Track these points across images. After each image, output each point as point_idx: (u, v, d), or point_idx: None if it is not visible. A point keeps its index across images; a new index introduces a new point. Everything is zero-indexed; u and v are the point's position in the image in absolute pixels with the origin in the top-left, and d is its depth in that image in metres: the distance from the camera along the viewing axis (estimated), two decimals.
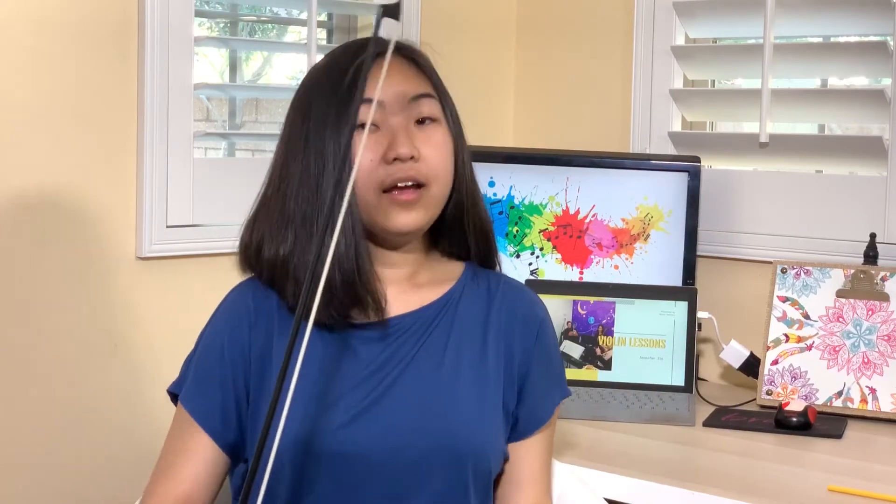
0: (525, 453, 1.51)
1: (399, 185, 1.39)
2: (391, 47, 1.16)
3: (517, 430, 1.50)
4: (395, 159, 1.38)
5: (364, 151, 1.38)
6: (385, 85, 1.40)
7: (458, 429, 1.41)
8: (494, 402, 1.45)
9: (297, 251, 1.39)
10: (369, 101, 1.37)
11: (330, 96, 1.40)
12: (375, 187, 1.38)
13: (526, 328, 1.51)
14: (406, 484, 1.39)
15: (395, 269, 1.46)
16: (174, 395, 1.48)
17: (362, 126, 1.38)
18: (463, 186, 1.47)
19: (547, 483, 1.53)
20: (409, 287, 1.47)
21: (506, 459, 1.50)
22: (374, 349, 1.42)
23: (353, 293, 1.39)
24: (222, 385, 1.42)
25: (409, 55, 1.45)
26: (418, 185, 1.39)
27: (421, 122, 1.42)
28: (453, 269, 1.52)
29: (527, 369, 1.50)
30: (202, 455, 1.42)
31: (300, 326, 1.03)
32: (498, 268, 1.56)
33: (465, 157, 1.47)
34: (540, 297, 2.28)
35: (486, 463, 1.44)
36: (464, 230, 1.48)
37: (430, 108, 1.43)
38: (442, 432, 1.40)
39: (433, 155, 1.41)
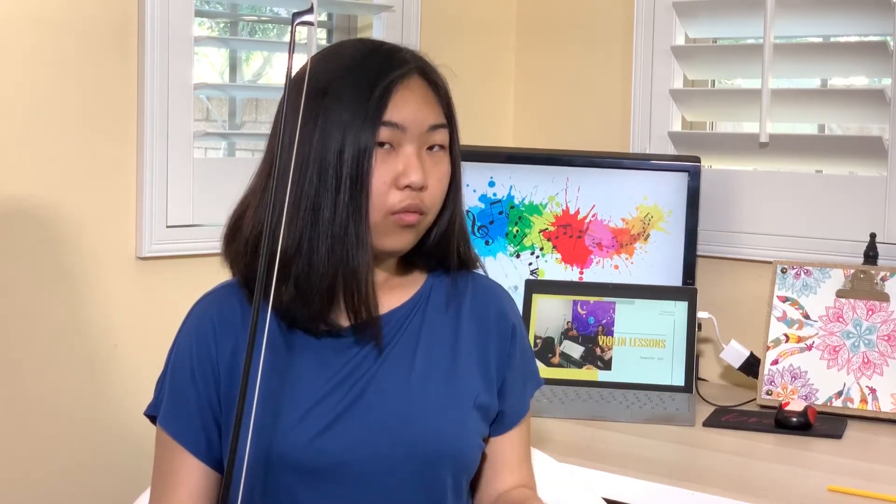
0: (507, 442, 1.53)
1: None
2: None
3: (500, 424, 1.52)
4: (406, 186, 1.38)
5: (378, 174, 1.38)
6: (408, 109, 1.40)
7: (433, 432, 1.41)
8: (469, 403, 1.45)
9: (301, 250, 1.37)
10: (392, 124, 1.38)
11: (353, 105, 1.37)
12: (385, 210, 1.38)
13: (500, 330, 1.51)
14: (383, 490, 1.39)
15: (374, 277, 1.46)
16: (152, 418, 1.48)
17: (379, 144, 1.38)
18: (455, 212, 1.48)
19: (530, 466, 1.56)
20: (380, 291, 1.47)
21: (484, 454, 1.51)
22: (343, 356, 1.42)
23: (354, 304, 1.39)
24: (198, 403, 1.42)
25: (433, 79, 1.45)
26: (419, 212, 1.40)
27: (430, 148, 1.42)
28: (418, 272, 1.52)
29: (506, 370, 1.51)
30: (193, 476, 1.42)
31: (257, 332, 1.02)
32: (478, 266, 1.56)
33: (460, 183, 1.49)
34: (540, 297, 2.29)
35: (464, 464, 1.45)
36: (447, 252, 1.49)
37: (443, 137, 1.44)
38: (417, 437, 1.40)
39: (436, 186, 1.42)
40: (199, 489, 1.42)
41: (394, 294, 1.48)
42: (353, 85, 1.39)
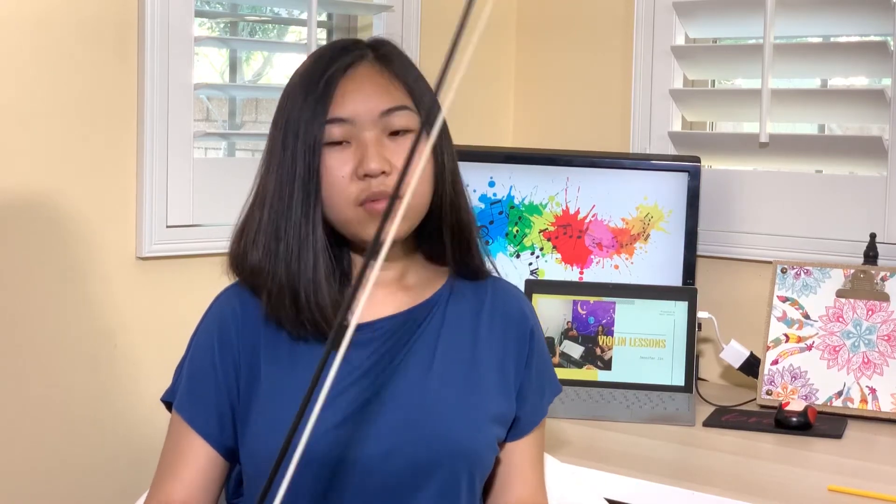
0: (519, 450, 1.52)
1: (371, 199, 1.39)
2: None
3: (516, 430, 1.51)
4: (365, 175, 1.37)
5: (335, 168, 1.38)
6: (356, 100, 1.39)
7: (449, 434, 1.41)
8: (485, 406, 1.45)
9: (267, 260, 1.40)
10: (339, 120, 1.38)
11: (301, 107, 1.39)
12: (350, 202, 1.38)
13: (520, 335, 1.51)
14: (398, 489, 1.38)
15: (383, 271, 1.46)
16: (168, 404, 1.48)
17: (334, 143, 1.38)
18: (444, 194, 1.45)
19: (540, 476, 1.55)
20: (397, 289, 1.47)
21: (498, 458, 1.50)
22: (362, 353, 1.42)
23: (308, 309, 1.39)
24: (216, 389, 1.42)
25: (385, 63, 1.43)
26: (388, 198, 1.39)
27: (395, 133, 1.40)
28: (440, 272, 1.52)
29: (524, 375, 1.50)
30: (200, 461, 1.42)
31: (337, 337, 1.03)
32: (490, 267, 1.55)
33: (448, 164, 1.45)
34: (540, 297, 2.29)
35: (478, 466, 1.45)
36: (441, 238, 1.47)
37: (404, 120, 1.40)
38: (432, 438, 1.40)
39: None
40: (206, 473, 1.42)
41: (411, 293, 1.47)
42: (303, 85, 1.41)
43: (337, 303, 1.40)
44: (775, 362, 2.19)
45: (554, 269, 2.41)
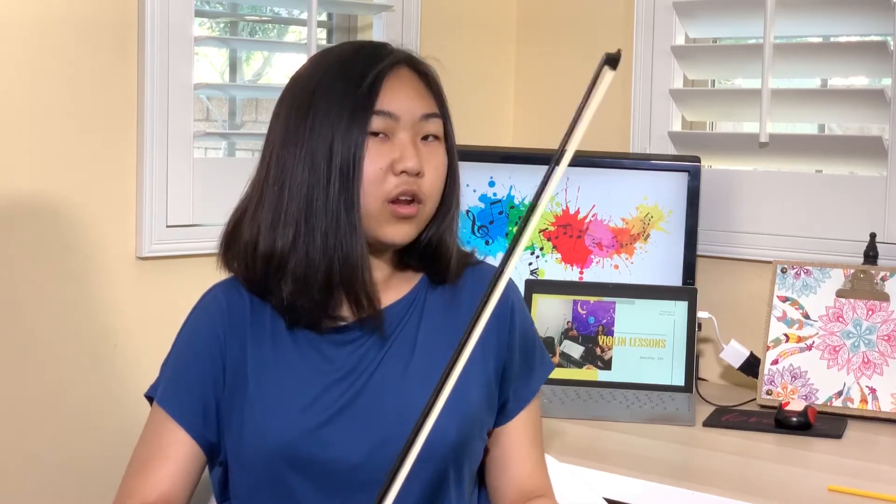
0: (513, 433, 1.52)
1: (401, 197, 1.40)
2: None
3: (504, 413, 1.52)
4: (402, 172, 1.39)
5: (372, 160, 1.39)
6: (402, 98, 1.41)
7: (433, 427, 1.41)
8: (469, 395, 1.45)
9: (297, 246, 1.39)
10: (385, 113, 1.39)
11: (342, 97, 1.39)
12: (381, 197, 1.39)
13: (500, 316, 1.50)
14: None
15: (373, 272, 1.47)
16: (151, 400, 1.48)
17: (372, 134, 1.39)
18: (452, 205, 1.48)
19: (538, 455, 1.54)
20: (378, 288, 1.48)
21: (493, 444, 1.51)
22: (344, 351, 1.43)
23: (354, 293, 1.40)
24: (202, 383, 1.43)
25: (423, 71, 1.46)
26: (416, 201, 1.41)
27: (425, 138, 1.43)
28: (414, 270, 1.53)
29: (507, 356, 1.51)
30: (181, 454, 1.42)
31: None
32: (472, 260, 1.56)
33: (457, 177, 1.50)
34: (540, 297, 2.29)
35: (465, 457, 1.45)
36: (441, 249, 1.48)
37: (436, 127, 1.45)
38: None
39: (432, 175, 1.43)
40: (186, 467, 1.42)
41: (392, 290, 1.48)
42: (343, 79, 1.41)
43: (375, 285, 1.41)
44: (775, 362, 2.19)
45: (554, 269, 2.41)
